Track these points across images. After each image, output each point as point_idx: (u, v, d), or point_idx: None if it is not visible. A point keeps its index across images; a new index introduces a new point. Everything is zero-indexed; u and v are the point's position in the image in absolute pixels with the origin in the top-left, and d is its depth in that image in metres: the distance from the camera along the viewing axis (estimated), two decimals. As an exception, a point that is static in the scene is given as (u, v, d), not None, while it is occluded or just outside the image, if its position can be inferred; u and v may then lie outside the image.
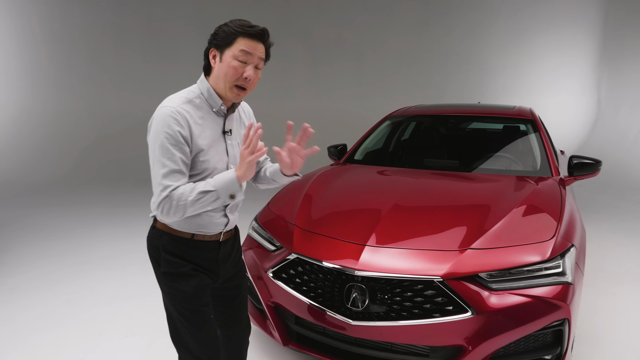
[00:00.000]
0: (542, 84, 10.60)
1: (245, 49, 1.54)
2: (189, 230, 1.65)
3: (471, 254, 2.08)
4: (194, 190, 1.49)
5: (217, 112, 1.65)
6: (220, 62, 1.57)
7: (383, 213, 2.41)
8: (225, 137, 1.67)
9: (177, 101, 1.55)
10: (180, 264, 1.64)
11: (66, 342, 2.88)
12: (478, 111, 3.92)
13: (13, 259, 4.37)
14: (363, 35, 10.48)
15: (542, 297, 2.00)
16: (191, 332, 1.68)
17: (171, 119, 1.50)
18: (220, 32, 1.56)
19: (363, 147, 3.94)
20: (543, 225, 2.29)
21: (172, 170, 1.49)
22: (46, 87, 9.48)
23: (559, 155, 4.17)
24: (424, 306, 2.01)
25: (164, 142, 1.49)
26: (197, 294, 1.66)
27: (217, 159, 1.63)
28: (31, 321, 3.16)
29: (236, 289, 1.90)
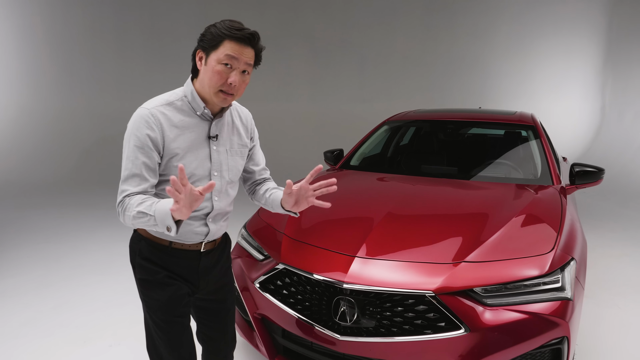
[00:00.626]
0: (546, 88, 10.48)
1: (230, 53, 1.45)
2: (167, 238, 1.57)
3: (465, 267, 1.99)
4: (138, 206, 1.38)
5: (202, 116, 1.56)
6: (205, 65, 1.50)
7: (375, 222, 2.32)
8: (210, 143, 1.59)
9: (155, 102, 1.50)
10: (155, 270, 1.57)
11: (49, 351, 2.81)
12: (478, 116, 3.83)
13: (6, 262, 4.31)
14: (367, 37, 10.41)
15: (540, 314, 1.90)
16: (165, 343, 1.61)
17: (142, 122, 1.45)
18: (208, 34, 1.48)
19: (360, 152, 3.85)
20: (542, 237, 2.20)
21: (132, 174, 1.45)
22: (47, 88, 9.46)
23: (561, 162, 4.07)
24: (415, 322, 1.91)
25: (131, 144, 1.45)
26: (171, 303, 1.58)
27: (196, 165, 1.55)
28: (16, 327, 3.09)
29: (221, 303, 1.81)
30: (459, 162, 3.46)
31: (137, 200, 1.41)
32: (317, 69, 10.51)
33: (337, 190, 2.92)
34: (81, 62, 9.63)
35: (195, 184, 1.54)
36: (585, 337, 2.97)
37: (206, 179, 1.59)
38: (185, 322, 1.64)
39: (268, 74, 10.38)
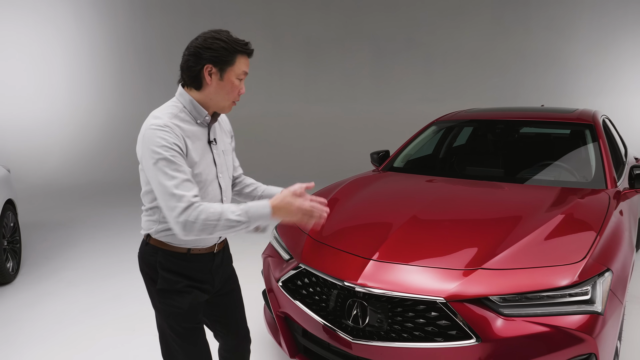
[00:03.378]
0: (631, 84, 9.57)
1: (245, 69, 1.57)
2: (186, 245, 1.63)
3: (482, 274, 1.90)
4: (228, 214, 1.42)
5: (201, 123, 1.62)
6: (220, 79, 1.54)
7: (397, 226, 2.28)
8: (211, 147, 1.66)
9: (165, 118, 1.52)
10: (176, 280, 1.63)
11: (99, 336, 3.06)
12: (531, 116, 3.61)
13: (78, 253, 4.74)
14: (433, 35, 10.15)
15: (563, 328, 1.77)
16: (185, 350, 1.67)
17: (166, 134, 1.46)
18: (218, 49, 1.51)
19: (404, 153, 3.78)
20: (575, 244, 2.04)
21: (183, 180, 1.44)
22: (132, 94, 10.21)
23: (631, 164, 3.72)
24: (426, 329, 1.86)
25: (166, 156, 1.44)
26: (192, 310, 1.65)
27: (208, 171, 1.62)
28: (77, 314, 3.39)
29: (228, 296, 1.87)
30: (506, 164, 3.29)
31: (213, 209, 1.41)
32: (382, 69, 10.42)
33: (369, 193, 2.93)
34: (159, 68, 10.30)
35: (207, 188, 1.62)
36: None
37: (214, 181, 1.65)
38: (202, 329, 1.72)
39: (333, 76, 10.47)
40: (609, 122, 3.98)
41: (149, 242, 1.66)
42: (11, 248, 4.10)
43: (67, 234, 5.46)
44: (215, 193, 1.66)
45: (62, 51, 9.88)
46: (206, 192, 1.61)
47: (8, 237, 4.05)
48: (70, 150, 9.63)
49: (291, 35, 10.40)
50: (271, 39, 10.40)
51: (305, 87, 10.50)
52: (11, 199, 4.16)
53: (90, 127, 10.01)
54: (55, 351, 2.89)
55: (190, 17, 10.23)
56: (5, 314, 3.41)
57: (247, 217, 1.43)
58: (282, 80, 10.41)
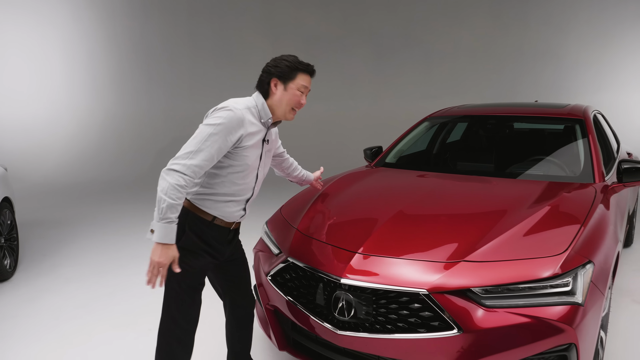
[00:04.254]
0: (629, 80, 9.57)
1: (305, 84, 1.99)
2: (212, 213, 1.95)
3: (464, 267, 1.93)
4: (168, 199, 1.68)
5: (264, 123, 2.00)
6: (284, 90, 1.96)
7: (383, 220, 2.31)
8: (263, 145, 2.02)
9: (242, 105, 1.90)
10: (196, 243, 1.93)
11: (93, 332, 3.10)
12: (523, 111, 3.63)
13: (75, 251, 4.78)
14: (431, 32, 10.17)
15: (543, 318, 1.80)
16: (184, 305, 1.98)
17: (237, 119, 1.82)
18: (283, 66, 1.95)
19: (397, 149, 3.81)
20: (557, 237, 2.06)
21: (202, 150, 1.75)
22: (129, 93, 10.26)
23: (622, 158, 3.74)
24: (409, 320, 1.89)
25: (219, 129, 1.78)
26: (201, 272, 2.00)
27: (252, 160, 1.97)
28: (73, 309, 3.44)
29: (237, 263, 2.22)
30: (497, 159, 3.32)
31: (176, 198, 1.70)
32: (381, 66, 10.44)
33: (358, 188, 2.96)
34: (158, 68, 10.34)
35: (248, 175, 1.98)
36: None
37: (254, 172, 2.02)
38: (200, 291, 2.04)
39: (332, 74, 10.49)
40: (601, 117, 4.00)
41: (183, 205, 1.92)
42: (8, 245, 4.14)
43: (65, 231, 5.51)
44: (251, 181, 2.02)
45: (61, 51, 9.93)
46: (247, 176, 1.97)
47: (5, 234, 4.09)
48: (69, 149, 9.69)
49: (290, 34, 10.42)
50: (270, 37, 10.42)
51: (303, 85, 10.51)
52: (8, 197, 4.20)
53: (89, 126, 10.06)
54: (52, 346, 2.93)
55: (189, 17, 10.27)
56: (3, 310, 3.45)
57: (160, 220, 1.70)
58: (281, 78, 10.43)
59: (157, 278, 1.72)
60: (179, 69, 10.42)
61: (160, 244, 1.70)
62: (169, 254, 1.71)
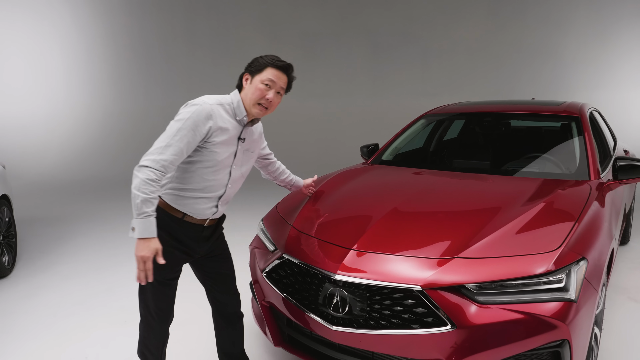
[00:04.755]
0: (628, 78, 9.57)
1: (271, 77, 1.94)
2: (182, 210, 1.96)
3: (458, 263, 1.94)
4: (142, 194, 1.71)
5: (239, 121, 1.99)
6: (250, 84, 1.96)
7: (378, 217, 2.32)
8: (238, 142, 2.01)
9: (214, 100, 1.92)
10: (165, 239, 1.91)
11: (90, 329, 3.12)
12: (519, 108, 3.64)
13: (73, 248, 4.79)
14: (429, 29, 10.16)
15: (536, 315, 1.81)
16: (155, 293, 2.02)
17: (205, 113, 1.84)
18: (255, 62, 1.97)
19: (393, 147, 3.81)
20: (551, 234, 2.08)
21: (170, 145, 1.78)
22: (127, 90, 10.25)
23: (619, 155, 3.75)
24: (403, 316, 1.90)
25: (187, 124, 1.80)
26: (171, 268, 1.97)
27: (225, 156, 1.96)
28: (70, 306, 3.45)
29: (216, 260, 2.19)
30: (493, 157, 3.32)
31: (149, 192, 1.72)
32: (378, 63, 10.44)
33: (354, 186, 2.97)
34: (156, 65, 10.33)
35: (219, 172, 1.97)
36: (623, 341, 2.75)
37: (227, 169, 2.00)
38: (172, 285, 2.06)
39: (330, 71, 10.49)
40: (597, 114, 4.01)
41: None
42: (7, 242, 4.15)
43: (63, 228, 5.52)
44: (223, 178, 2.00)
45: (59, 48, 9.92)
46: (217, 172, 1.96)
47: (3, 231, 4.10)
48: (68, 147, 9.68)
49: (287, 31, 10.42)
50: (267, 34, 10.42)
51: (301, 83, 10.48)
52: (6, 194, 4.21)
53: (88, 124, 10.06)
54: (50, 343, 2.94)
55: (187, 14, 10.26)
56: (1, 307, 3.46)
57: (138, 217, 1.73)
58: (279, 75, 10.42)
59: (144, 273, 1.75)
60: (176, 66, 10.41)
61: (141, 239, 1.74)
62: (151, 246, 1.74)
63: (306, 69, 10.47)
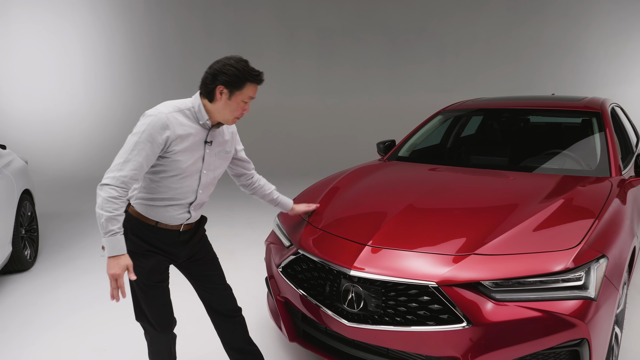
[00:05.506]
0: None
1: (252, 95, 1.87)
2: (154, 219, 1.93)
3: (474, 260, 1.92)
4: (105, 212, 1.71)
5: (203, 125, 1.90)
6: (228, 99, 1.84)
7: (393, 213, 2.30)
8: (205, 146, 1.93)
9: (170, 108, 1.83)
10: (141, 245, 1.92)
11: (110, 321, 3.17)
12: (537, 104, 3.58)
13: (92, 242, 4.87)
14: (446, 24, 10.04)
15: (554, 313, 1.78)
16: (146, 301, 2.00)
17: (160, 123, 1.77)
18: (230, 74, 1.80)
19: (410, 143, 3.79)
20: (571, 231, 2.04)
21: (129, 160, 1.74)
22: (147, 88, 10.37)
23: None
24: (419, 312, 1.89)
25: (142, 137, 1.75)
26: (153, 271, 1.95)
27: (190, 163, 1.89)
28: (89, 299, 3.51)
29: (200, 264, 2.14)
30: (511, 153, 3.27)
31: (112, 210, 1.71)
32: (395, 59, 10.35)
33: (370, 182, 2.95)
34: (174, 63, 10.42)
35: (186, 178, 1.90)
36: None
37: (196, 175, 1.93)
38: (162, 287, 2.03)
39: (346, 67, 10.45)
40: (620, 110, 3.92)
41: (127, 211, 1.95)
42: (29, 236, 4.24)
43: (84, 223, 5.61)
44: (191, 185, 1.93)
45: (80, 47, 10.07)
46: (184, 180, 1.90)
47: (26, 225, 4.19)
48: (88, 143, 9.84)
49: (304, 27, 10.40)
50: (284, 31, 10.42)
51: (318, 79, 10.51)
52: (28, 189, 4.30)
53: (108, 121, 10.20)
54: (68, 334, 3.00)
55: (204, 12, 10.31)
56: (23, 298, 3.54)
57: (105, 236, 1.72)
58: (296, 72, 10.43)
59: (117, 291, 1.75)
60: (194, 64, 10.47)
61: (111, 257, 1.73)
62: (121, 264, 1.73)
63: (323, 65, 10.45)
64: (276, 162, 9.28)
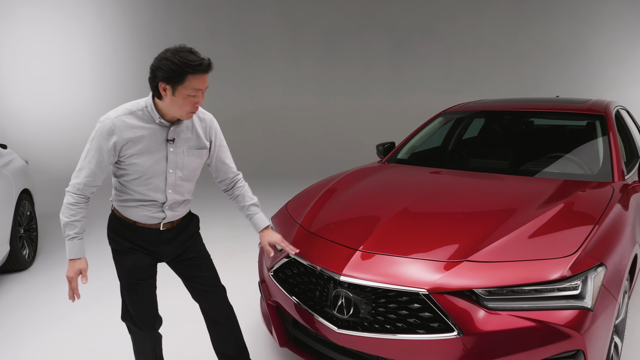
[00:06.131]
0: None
1: (197, 87, 1.72)
2: (132, 219, 1.94)
3: (467, 267, 1.86)
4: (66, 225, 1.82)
5: (160, 124, 1.83)
6: (173, 96, 1.73)
7: (387, 218, 2.26)
8: (167, 145, 1.86)
9: (118, 112, 1.80)
10: (122, 243, 1.96)
11: (105, 323, 3.15)
12: (539, 106, 3.51)
13: (91, 242, 4.84)
14: (451, 25, 9.95)
15: (549, 323, 1.73)
16: (129, 299, 2.02)
17: (106, 129, 1.76)
18: (167, 69, 1.68)
19: (409, 145, 3.73)
20: (568, 238, 1.98)
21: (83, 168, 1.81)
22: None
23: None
24: (409, 320, 1.84)
25: (93, 145, 1.79)
26: (134, 268, 1.95)
27: (151, 164, 1.84)
28: (85, 300, 3.49)
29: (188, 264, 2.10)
30: (511, 156, 3.21)
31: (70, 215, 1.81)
32: (400, 60, 10.28)
33: (365, 185, 2.91)
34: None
35: (151, 178, 1.87)
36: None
37: (162, 175, 1.88)
38: (145, 284, 2.01)
39: (350, 68, 10.40)
40: (625, 113, 3.84)
41: (113, 211, 2.00)
42: (27, 236, 4.24)
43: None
44: (159, 185, 1.89)
45: (86, 46, 10.11)
46: (149, 181, 1.86)
47: (25, 225, 4.19)
48: (93, 142, 9.87)
49: (308, 28, 10.36)
50: (288, 31, 10.39)
51: (321, 80, 10.47)
52: (27, 189, 4.29)
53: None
54: (62, 335, 2.99)
55: (209, 13, 10.31)
56: (20, 298, 3.54)
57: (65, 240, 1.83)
58: (299, 72, 10.40)
59: (71, 292, 1.85)
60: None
61: (70, 260, 1.84)
62: (75, 267, 1.83)
63: (326, 66, 10.41)
64: (278, 162, 9.25)
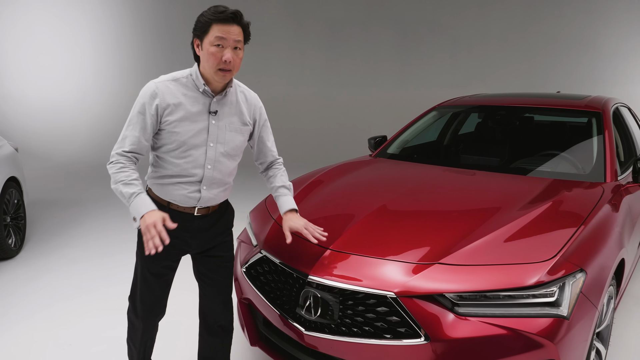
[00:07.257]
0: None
1: (219, 34, 1.67)
2: (166, 199, 1.84)
3: (438, 270, 1.77)
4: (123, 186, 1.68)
5: (204, 92, 1.79)
6: (202, 50, 1.72)
7: (362, 215, 2.17)
8: (209, 117, 1.80)
9: (163, 78, 1.79)
10: None
11: (85, 314, 3.11)
12: (535, 102, 3.39)
13: (83, 231, 4.83)
14: (459, 18, 9.75)
15: (521, 331, 1.64)
16: (140, 286, 1.95)
17: (149, 92, 1.74)
18: (198, 23, 1.72)
19: (401, 139, 3.63)
20: (548, 241, 1.88)
21: (127, 136, 1.75)
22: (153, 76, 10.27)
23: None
24: (376, 324, 1.76)
25: (135, 110, 1.75)
26: (156, 260, 1.86)
27: (192, 134, 1.77)
28: (69, 290, 3.46)
29: (213, 263, 2.00)
30: (502, 153, 3.10)
31: (125, 177, 1.68)
32: (406, 53, 10.12)
33: (349, 180, 2.81)
34: (182, 51, 10.32)
35: (190, 152, 1.79)
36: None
37: (202, 147, 1.80)
38: (164, 275, 1.94)
39: (356, 60, 10.27)
40: (626, 110, 3.70)
41: (147, 191, 1.89)
42: (14, 224, 4.21)
43: (78, 211, 5.58)
44: (198, 159, 1.80)
45: (89, 35, 10.07)
46: (188, 153, 1.78)
47: (12, 213, 4.15)
48: (96, 130, 9.86)
49: (313, 19, 10.23)
50: (293, 22, 10.26)
51: (327, 71, 10.35)
52: (15, 177, 4.25)
53: (116, 108, 10.19)
54: (40, 327, 2.94)
55: (213, 2, 10.20)
56: (1, 288, 3.51)
57: (129, 203, 1.67)
58: (304, 64, 10.28)
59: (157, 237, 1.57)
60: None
61: (146, 213, 1.63)
62: (155, 215, 1.62)
63: (332, 57, 10.28)
64: (281, 153, 8.96)
